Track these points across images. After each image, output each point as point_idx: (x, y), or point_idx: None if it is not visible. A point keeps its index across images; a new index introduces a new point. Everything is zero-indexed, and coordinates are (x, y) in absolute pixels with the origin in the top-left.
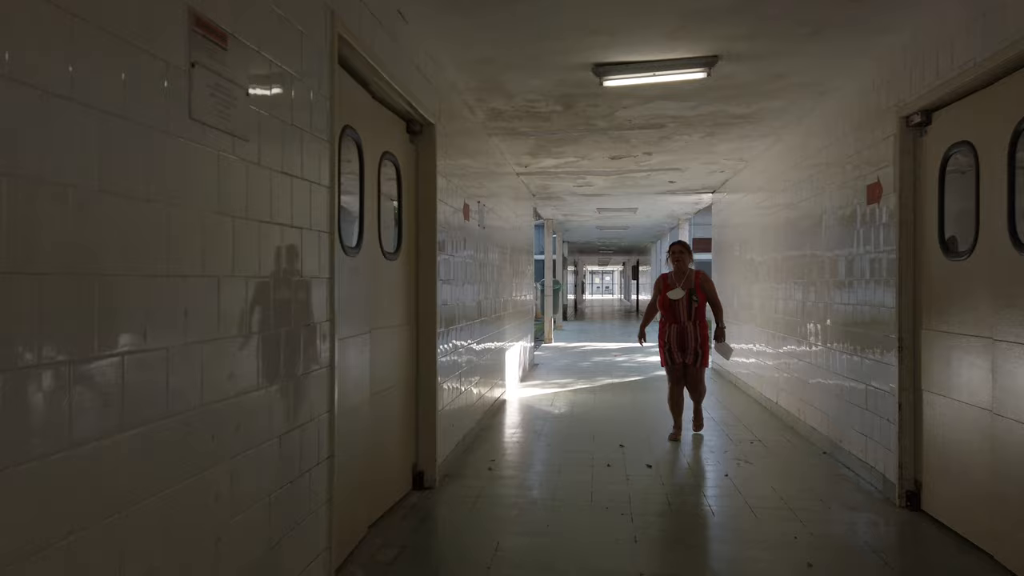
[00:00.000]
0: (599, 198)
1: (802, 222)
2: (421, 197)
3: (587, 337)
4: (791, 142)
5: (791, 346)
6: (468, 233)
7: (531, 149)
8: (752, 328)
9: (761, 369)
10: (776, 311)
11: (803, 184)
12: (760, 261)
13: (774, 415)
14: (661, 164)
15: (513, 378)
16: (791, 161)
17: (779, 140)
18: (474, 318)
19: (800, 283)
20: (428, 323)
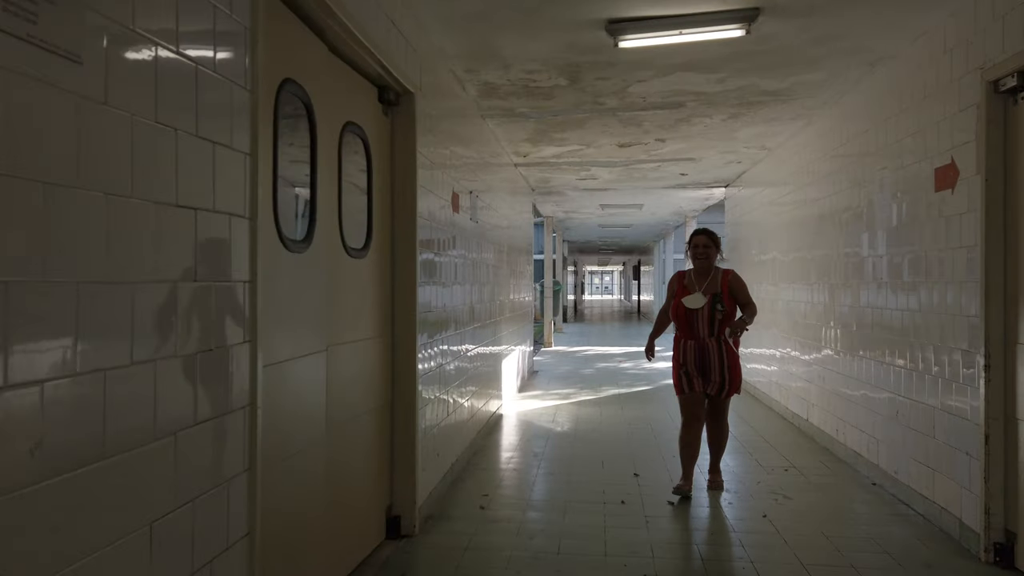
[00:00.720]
0: (603, 193)
1: (839, 216)
2: (398, 182)
3: (588, 340)
4: (823, 127)
5: (824, 353)
6: (459, 228)
7: (530, 135)
8: (775, 334)
9: (786, 379)
10: (804, 315)
11: (839, 174)
12: (784, 261)
13: (805, 434)
14: (674, 153)
15: (511, 389)
16: (823, 149)
17: (810, 124)
18: (466, 324)
19: (835, 285)
20: (406, 334)
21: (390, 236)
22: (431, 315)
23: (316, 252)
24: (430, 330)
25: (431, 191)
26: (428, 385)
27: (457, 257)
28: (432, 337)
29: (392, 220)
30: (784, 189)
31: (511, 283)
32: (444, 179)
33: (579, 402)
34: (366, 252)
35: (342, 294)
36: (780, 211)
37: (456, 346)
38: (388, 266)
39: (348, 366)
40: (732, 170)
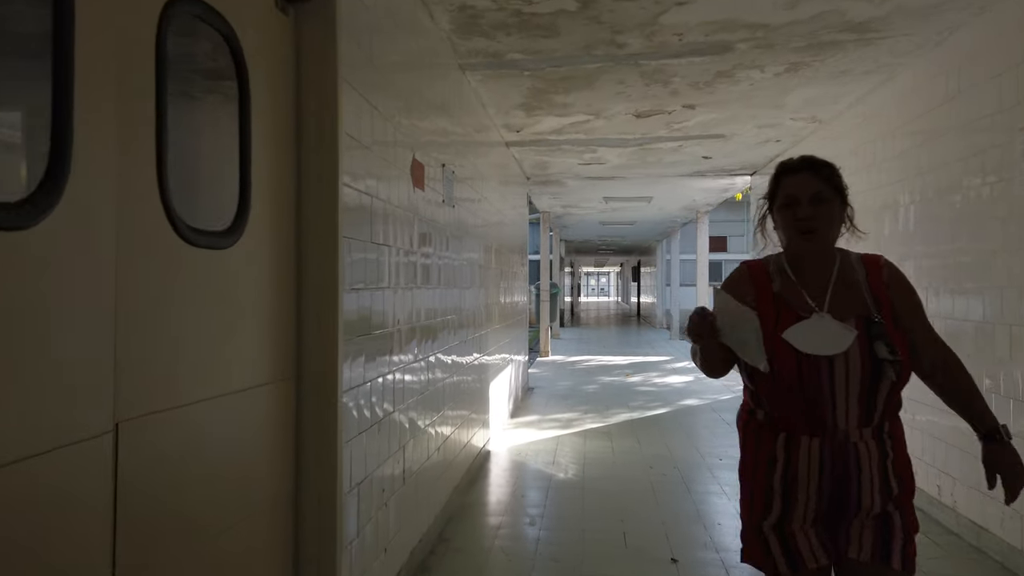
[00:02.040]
0: (609, 183)
1: (944, 200)
2: (305, 124)
3: (589, 348)
4: (911, 83)
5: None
6: (424, 212)
7: (525, 97)
8: None
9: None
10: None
11: (932, 146)
12: None
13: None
14: (701, 127)
15: (502, 414)
16: (908, 114)
17: (890, 80)
18: (438, 344)
19: (937, 289)
20: (321, 372)
21: (290, 213)
22: (374, 338)
23: (74, 235)
24: (375, 358)
25: (372, 150)
26: (371, 443)
27: (423, 254)
28: (379, 368)
29: (298, 188)
30: (846, 172)
31: (501, 287)
32: (397, 136)
33: (584, 432)
34: (236, 237)
35: (170, 315)
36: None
37: (423, 375)
38: (289, 263)
39: (188, 451)
40: (765, 152)
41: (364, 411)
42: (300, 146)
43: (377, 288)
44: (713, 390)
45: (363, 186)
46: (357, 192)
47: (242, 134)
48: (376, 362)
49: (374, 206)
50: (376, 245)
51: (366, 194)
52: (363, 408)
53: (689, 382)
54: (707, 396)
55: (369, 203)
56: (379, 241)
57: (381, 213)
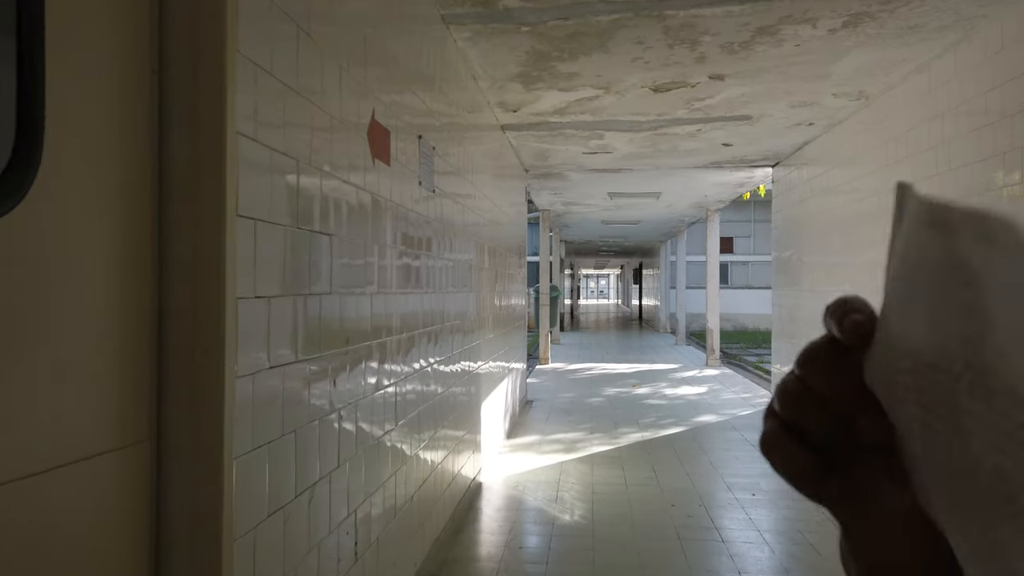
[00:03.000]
0: (615, 177)
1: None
2: (170, 29)
3: (591, 354)
4: (990, 45)
5: None
6: (388, 193)
7: (524, 65)
8: None
9: None
10: None
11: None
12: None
13: None
14: (727, 105)
15: (496, 436)
16: (985, 84)
17: (966, 40)
18: (411, 365)
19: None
20: (197, 437)
21: (142, 170)
22: (303, 365)
23: None
24: (302, 395)
25: (301, 95)
26: (295, 524)
27: (396, 250)
28: (311, 410)
29: (158, 131)
30: (890, 159)
31: (497, 290)
32: (346, 84)
33: (591, 457)
34: (13, 197)
35: None
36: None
37: (389, 409)
38: (140, 251)
39: None
40: (793, 138)
41: (281, 477)
42: (163, 62)
43: (309, 293)
44: (730, 404)
45: (281, 142)
46: (269, 151)
47: (23, 16)
48: (303, 403)
49: (304, 175)
50: (309, 232)
51: (287, 156)
52: (279, 473)
53: (702, 394)
54: (724, 411)
55: (293, 169)
56: (313, 227)
57: (317, 187)
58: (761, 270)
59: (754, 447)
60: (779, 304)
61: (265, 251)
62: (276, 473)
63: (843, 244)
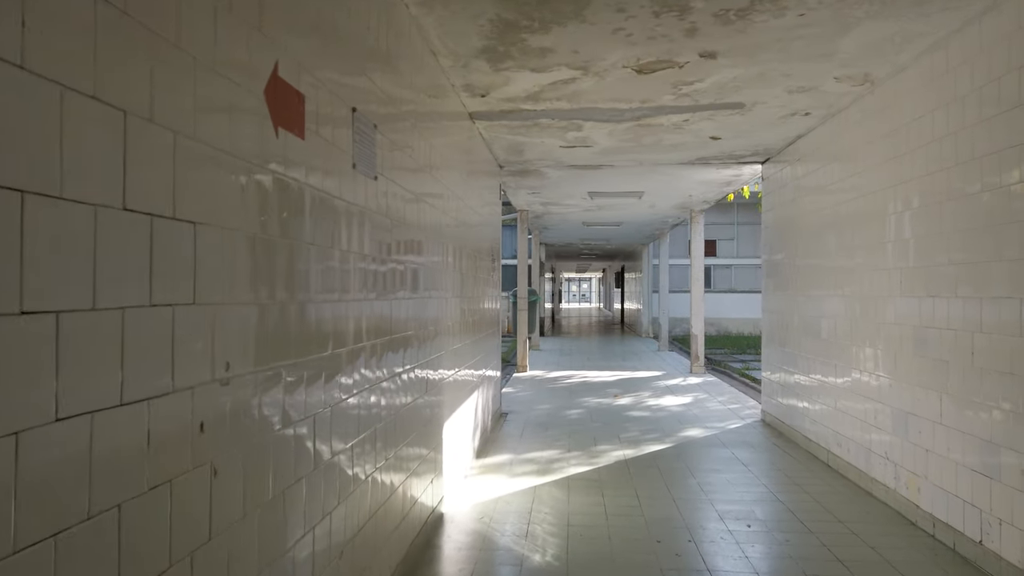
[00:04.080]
0: (595, 175)
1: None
2: None
3: (570, 361)
4: (1012, 25)
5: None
6: (299, 174)
7: (489, 38)
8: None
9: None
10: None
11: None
12: (916, 266)
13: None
14: (718, 90)
15: (463, 456)
16: (1014, 62)
17: (995, 8)
18: (346, 389)
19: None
20: None
21: None
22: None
23: None
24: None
25: (124, 10)
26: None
27: (310, 244)
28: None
29: None
30: (898, 150)
31: (467, 296)
32: (225, 17)
33: (568, 480)
34: None
35: None
36: (893, 191)
37: (301, 458)
38: None
39: None
40: (787, 130)
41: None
42: None
43: (134, 305)
44: (717, 416)
45: (62, 71)
46: (33, 78)
47: None
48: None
49: (132, 131)
50: (131, 215)
51: (91, 97)
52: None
53: (687, 405)
54: (711, 425)
55: (99, 119)
56: (141, 208)
57: (157, 146)
58: (745, 273)
59: (746, 466)
60: (770, 309)
61: (43, 237)
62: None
63: (839, 245)
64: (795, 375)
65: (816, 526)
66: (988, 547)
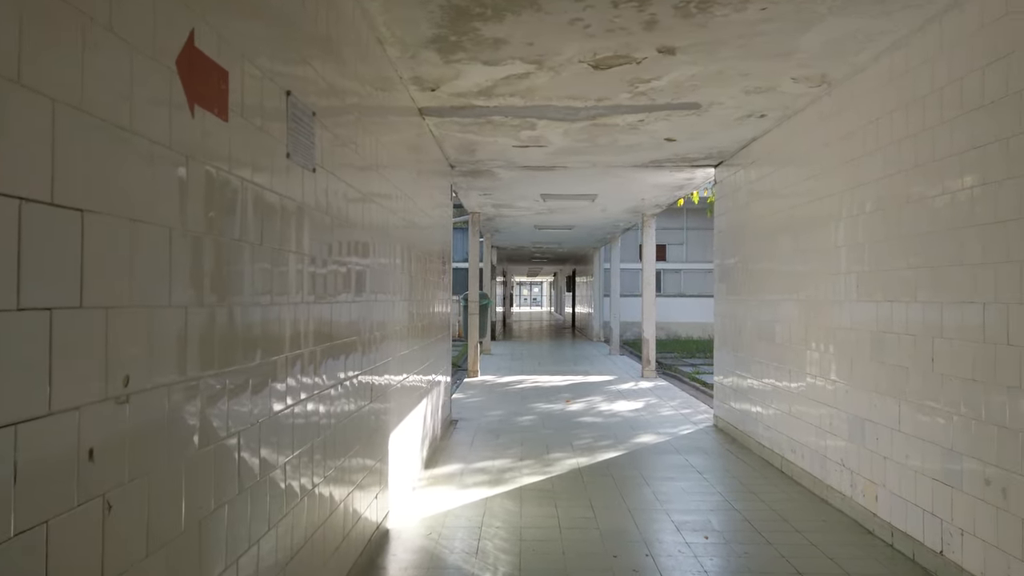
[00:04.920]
0: (549, 176)
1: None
2: None
3: (522, 365)
4: (975, 24)
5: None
6: (223, 160)
7: (439, 25)
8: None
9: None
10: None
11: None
12: (872, 271)
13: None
14: (675, 88)
15: (411, 468)
16: (978, 60)
17: (957, 7)
18: (282, 401)
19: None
20: None
21: None
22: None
23: None
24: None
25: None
26: None
27: (231, 240)
28: None
29: None
30: (854, 153)
31: (415, 298)
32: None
33: (521, 491)
34: None
35: None
36: (854, 195)
37: (228, 480)
38: None
39: None
40: (742, 133)
41: None
42: None
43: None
44: (669, 422)
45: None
46: None
47: None
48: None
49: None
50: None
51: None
52: None
53: (639, 410)
54: (664, 430)
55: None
56: (6, 190)
57: (29, 114)
58: (694, 278)
59: (700, 474)
60: (722, 314)
61: None
62: None
63: (794, 250)
64: (748, 380)
65: (774, 536)
66: (949, 558)
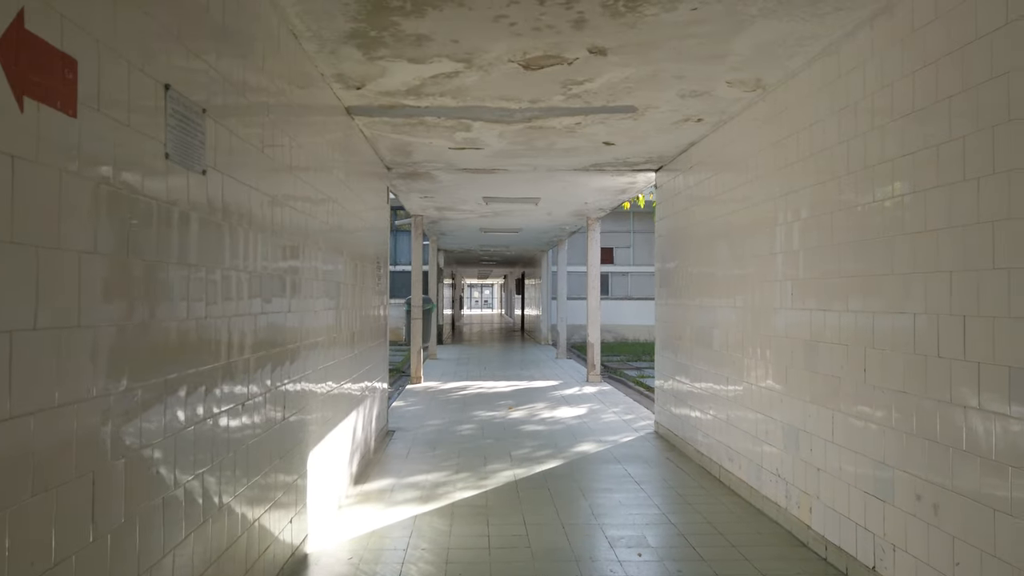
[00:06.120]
0: (489, 179)
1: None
2: None
3: (468, 371)
4: (905, 27)
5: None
6: (69, 163)
7: (357, 19)
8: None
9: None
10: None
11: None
12: (806, 278)
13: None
14: (609, 91)
15: (338, 484)
16: (911, 64)
17: (887, 12)
18: (171, 426)
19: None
20: None
21: None
22: None
23: None
24: None
25: None
26: None
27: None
28: None
29: None
30: (788, 159)
31: (344, 304)
32: None
33: (453, 507)
34: None
35: None
36: (783, 200)
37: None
38: None
39: None
40: (679, 137)
41: None
42: None
43: None
44: (611, 428)
45: None
46: None
47: None
48: None
49: None
50: None
51: None
52: None
53: (582, 416)
54: (605, 438)
55: None
56: None
57: None
58: (641, 281)
59: (638, 484)
60: (662, 319)
61: None
62: None
63: (731, 255)
64: (687, 385)
65: (708, 552)
66: (881, 574)
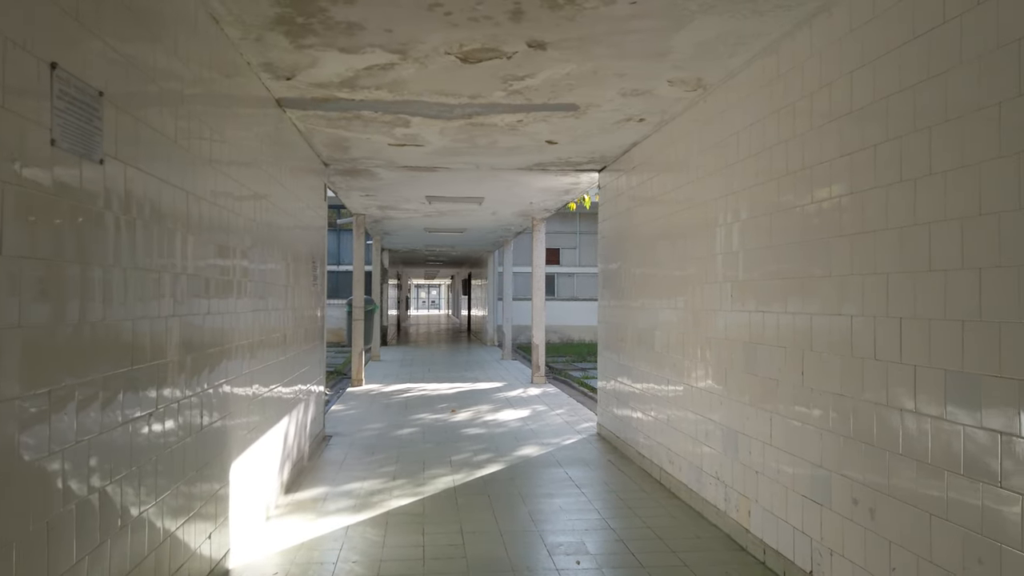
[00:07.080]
0: (431, 177)
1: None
2: None
3: (411, 373)
4: (844, 27)
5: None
6: None
7: (282, 5)
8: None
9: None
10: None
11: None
12: (745, 279)
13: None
14: (551, 88)
15: (266, 494)
16: (850, 63)
17: (825, 11)
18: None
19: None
20: None
21: None
22: None
23: None
24: None
25: None
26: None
27: None
28: None
29: None
30: (728, 160)
31: (274, 306)
32: None
33: (388, 515)
34: None
35: None
36: (725, 201)
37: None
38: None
39: None
40: (622, 137)
41: None
42: None
43: None
44: (554, 431)
45: None
46: None
47: None
48: None
49: None
50: None
51: None
52: None
53: (525, 419)
54: (548, 441)
55: None
56: None
57: None
58: (587, 282)
59: (579, 488)
60: (605, 320)
61: None
62: None
63: (673, 257)
64: (629, 388)
65: (648, 558)
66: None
